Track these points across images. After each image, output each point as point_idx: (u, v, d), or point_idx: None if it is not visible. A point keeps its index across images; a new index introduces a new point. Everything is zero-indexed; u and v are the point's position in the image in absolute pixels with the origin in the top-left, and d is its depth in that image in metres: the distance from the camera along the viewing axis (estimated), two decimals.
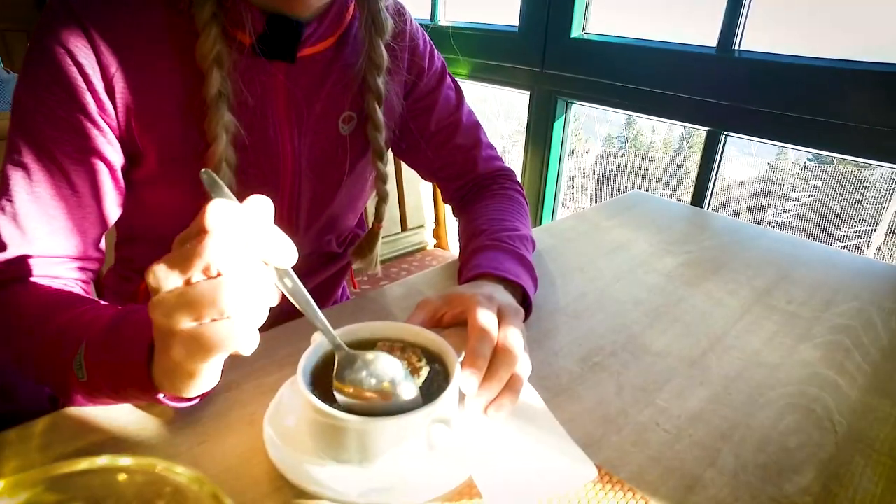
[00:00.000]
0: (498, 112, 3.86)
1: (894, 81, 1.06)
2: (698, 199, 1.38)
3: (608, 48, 1.44)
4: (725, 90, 1.25)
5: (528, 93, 1.64)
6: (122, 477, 0.21)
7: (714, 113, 1.29)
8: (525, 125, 1.71)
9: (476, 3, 1.83)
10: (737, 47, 1.24)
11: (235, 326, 0.33)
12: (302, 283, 0.81)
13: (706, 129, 1.33)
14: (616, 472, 0.46)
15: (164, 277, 0.33)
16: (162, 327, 0.35)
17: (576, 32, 1.49)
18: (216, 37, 0.57)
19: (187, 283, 0.33)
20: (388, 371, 0.41)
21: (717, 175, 1.36)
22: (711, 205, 1.41)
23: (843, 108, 1.11)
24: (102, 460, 0.21)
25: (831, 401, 0.57)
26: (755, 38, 1.23)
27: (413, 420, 0.40)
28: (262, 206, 0.35)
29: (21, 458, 0.45)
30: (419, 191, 1.57)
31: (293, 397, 0.48)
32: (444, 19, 1.85)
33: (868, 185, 3.25)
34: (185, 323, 0.33)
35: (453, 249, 1.66)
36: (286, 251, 0.35)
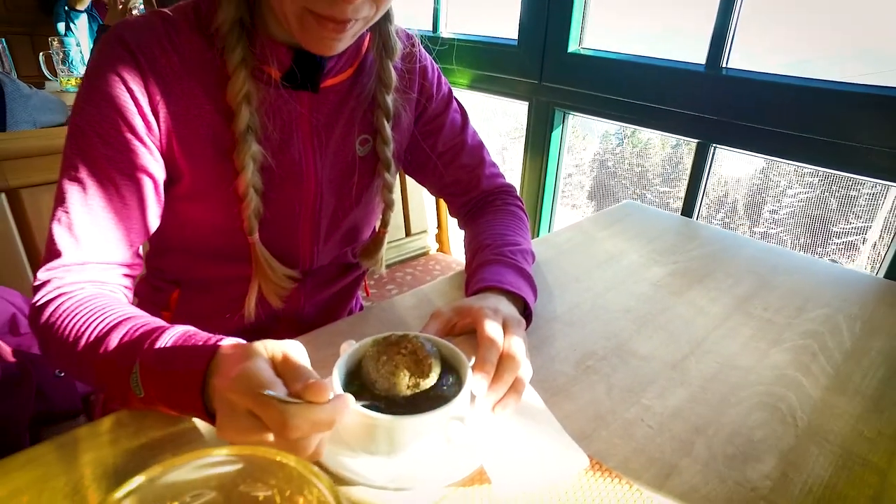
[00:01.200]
0: (496, 109, 3.93)
1: (868, 101, 1.13)
2: (688, 208, 1.46)
3: (603, 63, 1.51)
4: (713, 105, 1.33)
5: (527, 103, 1.72)
6: (239, 464, 0.27)
7: (703, 126, 1.36)
8: (524, 126, 1.78)
9: (476, 16, 1.90)
10: (724, 65, 1.31)
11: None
12: (321, 291, 0.89)
13: (696, 140, 1.40)
14: (605, 462, 0.53)
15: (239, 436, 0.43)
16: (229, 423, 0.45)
17: (572, 47, 1.56)
18: (245, 78, 0.64)
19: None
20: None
21: (706, 186, 1.44)
22: (708, 202, 1.48)
23: (822, 124, 1.19)
24: (222, 452, 0.27)
25: (795, 399, 0.64)
26: (743, 56, 1.30)
27: (433, 418, 0.47)
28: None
29: (94, 452, 0.52)
30: (422, 198, 1.64)
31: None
32: (446, 31, 1.92)
33: (864, 182, 3.31)
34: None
35: (455, 254, 1.74)
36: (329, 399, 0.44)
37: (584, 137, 4.95)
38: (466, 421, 0.50)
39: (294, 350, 0.47)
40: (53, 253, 0.62)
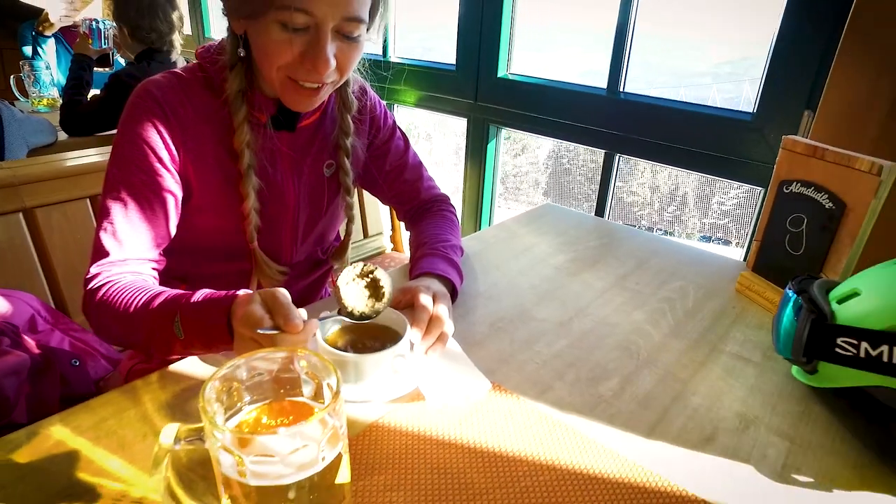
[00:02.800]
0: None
1: (732, 124, 1.43)
2: (601, 208, 1.74)
3: (527, 86, 1.78)
4: (614, 122, 1.61)
5: (466, 120, 1.98)
6: (284, 362, 0.51)
7: (607, 139, 1.65)
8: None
9: (420, 45, 2.15)
10: (621, 89, 1.59)
11: None
12: (299, 281, 1.12)
13: (604, 151, 1.69)
14: (504, 385, 0.79)
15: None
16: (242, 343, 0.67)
17: (501, 73, 1.83)
18: (248, 130, 0.87)
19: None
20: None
21: (615, 188, 1.72)
22: (660, 195, 1.76)
23: (698, 138, 1.48)
24: (280, 353, 0.51)
25: (643, 343, 0.91)
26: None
27: (384, 355, 0.72)
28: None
29: (150, 394, 0.75)
30: (377, 206, 1.88)
31: (314, 346, 0.79)
32: (394, 56, 2.16)
33: None
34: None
35: (406, 251, 1.98)
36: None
37: (539, 136, 5.17)
38: (407, 358, 0.75)
39: (279, 293, 0.69)
40: (101, 253, 0.84)
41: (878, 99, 1.06)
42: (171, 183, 0.87)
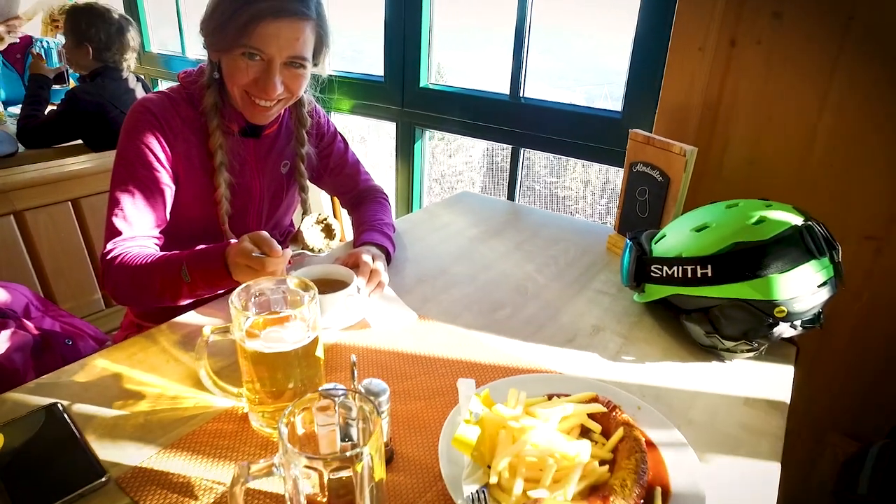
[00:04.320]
0: None
1: (604, 122, 1.79)
2: (512, 194, 2.07)
3: (444, 94, 2.09)
4: (518, 122, 1.94)
5: (395, 124, 2.27)
6: (281, 283, 0.78)
7: (514, 137, 1.98)
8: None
9: (349, 47, 2.42)
10: (522, 95, 1.93)
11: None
12: None
13: (511, 146, 2.02)
14: (427, 315, 1.09)
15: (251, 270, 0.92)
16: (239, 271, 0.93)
17: (423, 83, 2.13)
18: (220, 135, 1.14)
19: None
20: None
21: (522, 177, 2.06)
22: (593, 188, 2.06)
23: (587, 134, 1.83)
24: (277, 283, 0.78)
25: (531, 285, 1.23)
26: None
27: (339, 295, 1.00)
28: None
29: (165, 336, 1.00)
30: (321, 199, 2.15)
31: None
32: (328, 69, 2.43)
33: None
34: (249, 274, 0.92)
35: (348, 237, 2.25)
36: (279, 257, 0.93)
37: (461, 136, 5.44)
38: (355, 298, 1.03)
39: (262, 232, 0.95)
40: (115, 233, 1.08)
41: (693, 102, 1.43)
42: (166, 177, 1.12)
